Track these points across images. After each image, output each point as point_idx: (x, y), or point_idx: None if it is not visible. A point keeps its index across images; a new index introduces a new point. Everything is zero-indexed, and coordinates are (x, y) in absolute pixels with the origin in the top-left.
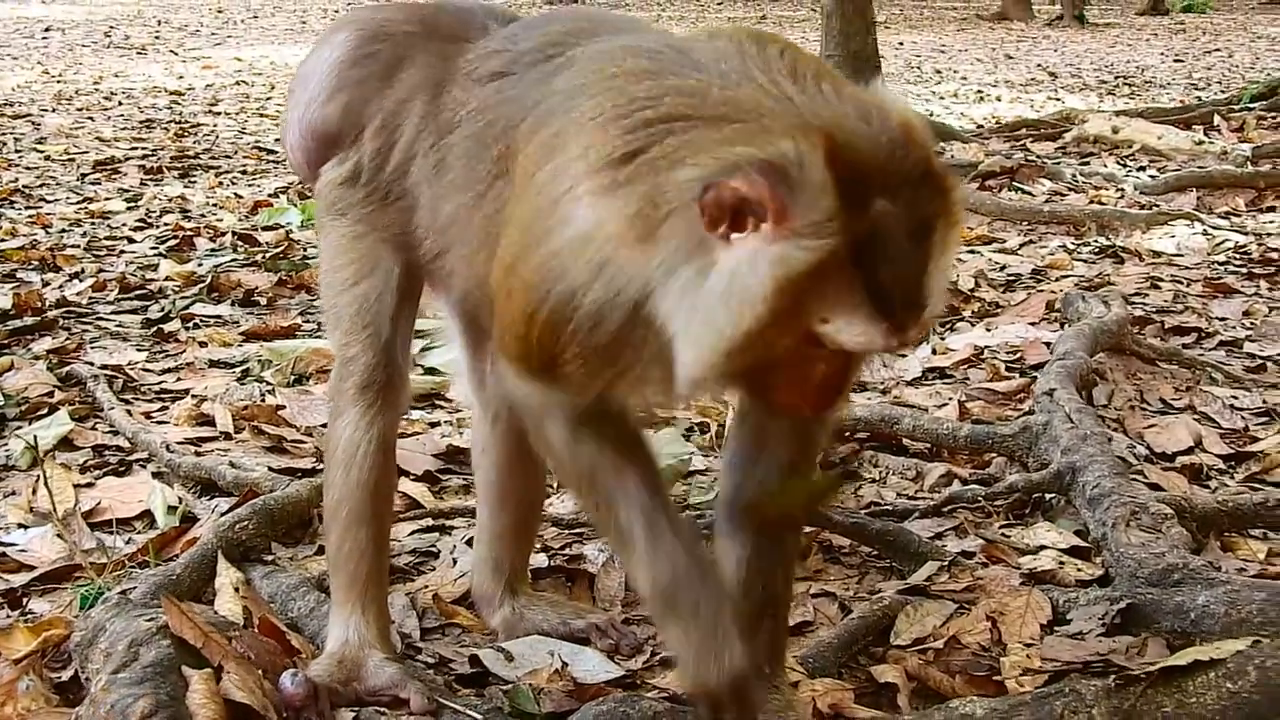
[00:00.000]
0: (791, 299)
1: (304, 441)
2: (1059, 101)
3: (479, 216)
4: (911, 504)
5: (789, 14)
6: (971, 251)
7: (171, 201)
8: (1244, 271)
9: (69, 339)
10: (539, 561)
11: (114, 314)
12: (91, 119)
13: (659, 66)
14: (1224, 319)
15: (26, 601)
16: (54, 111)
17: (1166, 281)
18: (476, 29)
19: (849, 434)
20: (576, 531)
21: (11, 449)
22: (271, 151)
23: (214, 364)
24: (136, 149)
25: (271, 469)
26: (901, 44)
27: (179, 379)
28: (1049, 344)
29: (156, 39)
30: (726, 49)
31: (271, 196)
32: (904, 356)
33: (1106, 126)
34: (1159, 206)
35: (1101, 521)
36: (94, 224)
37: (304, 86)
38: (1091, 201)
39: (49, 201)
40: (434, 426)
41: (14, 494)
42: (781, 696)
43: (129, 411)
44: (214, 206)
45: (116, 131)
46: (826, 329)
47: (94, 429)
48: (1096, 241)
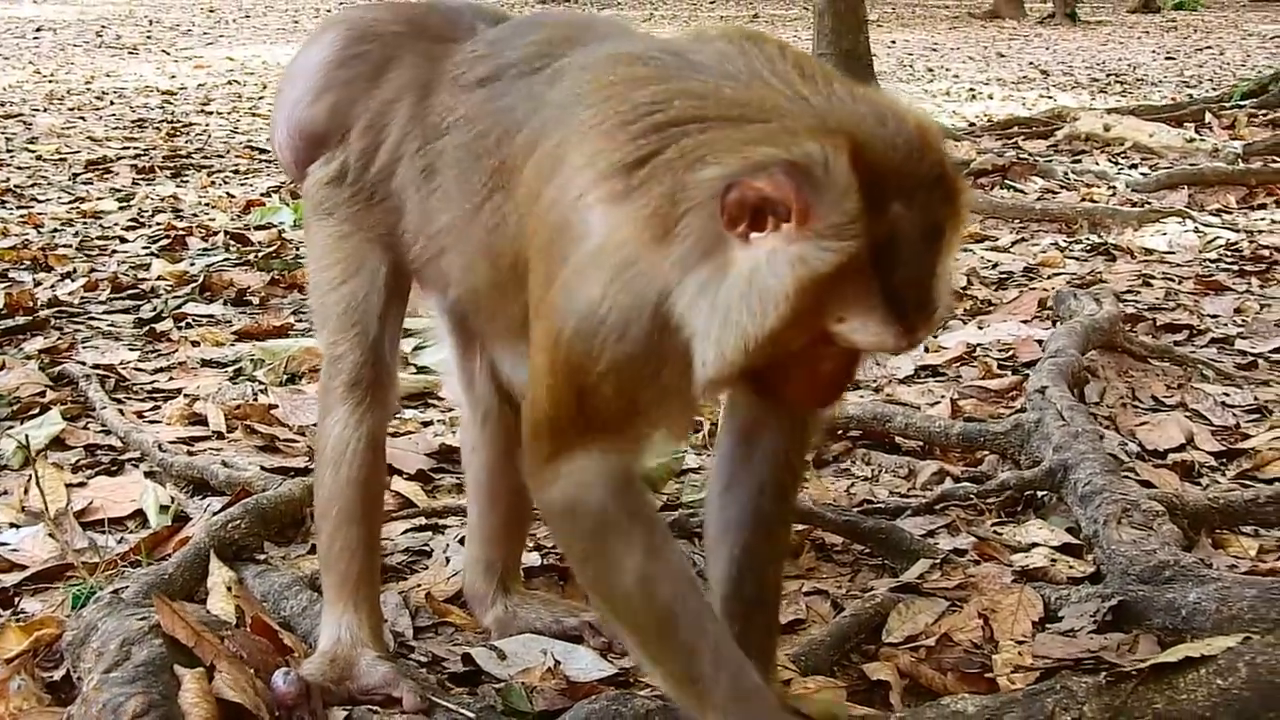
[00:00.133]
0: (812, 299)
1: (296, 441)
2: (1051, 99)
3: (476, 229)
4: (904, 502)
5: (781, 12)
6: (964, 249)
7: (164, 201)
8: (1235, 269)
9: (61, 338)
10: (531, 560)
11: (106, 313)
12: (83, 118)
13: (659, 72)
14: (1215, 316)
15: (18, 601)
16: (46, 111)
17: (1158, 279)
18: (464, 30)
19: (841, 431)
20: None
21: (3, 448)
22: (264, 151)
23: (206, 363)
24: (128, 148)
25: (264, 468)
26: (894, 42)
27: (171, 378)
28: (1041, 341)
29: (148, 38)
30: (727, 50)
31: (264, 196)
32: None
33: (1098, 124)
34: (1151, 204)
35: (1093, 519)
36: (86, 223)
37: (292, 86)
38: (1083, 199)
39: (41, 201)
40: (427, 425)
41: (6, 493)
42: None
43: (121, 411)
44: (206, 206)
45: (108, 131)
46: (841, 328)
47: (86, 428)
48: (1088, 239)
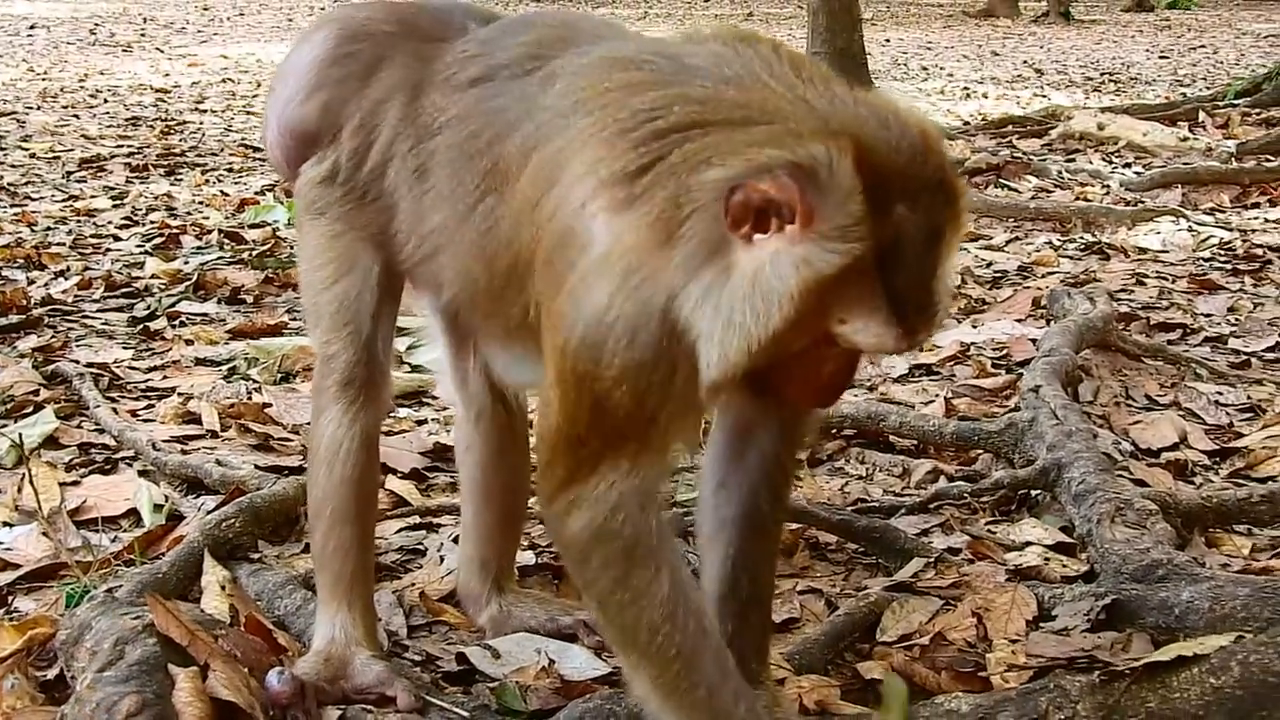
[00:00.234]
0: (815, 300)
1: (290, 439)
2: (1045, 98)
3: (468, 230)
4: (898, 500)
5: (775, 11)
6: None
7: (157, 199)
8: (1229, 268)
9: (54, 337)
10: (525, 559)
11: (100, 312)
12: (77, 116)
13: (657, 76)
14: (1209, 315)
15: (12, 600)
16: (39, 109)
17: (1152, 278)
18: (455, 29)
19: (836, 430)
20: None
21: None
22: (258, 149)
23: (200, 362)
24: (122, 146)
25: (258, 467)
26: (888, 41)
27: (165, 377)
28: (1035, 340)
29: (142, 36)
30: (723, 52)
31: (258, 194)
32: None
33: (1092, 123)
34: (1144, 203)
35: (1087, 517)
36: (80, 222)
37: (283, 84)
38: (1077, 198)
39: (34, 199)
40: (421, 424)
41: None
42: (767, 693)
43: (115, 409)
44: (200, 204)
45: (102, 129)
46: (844, 329)
47: (79, 427)
48: (1082, 238)
